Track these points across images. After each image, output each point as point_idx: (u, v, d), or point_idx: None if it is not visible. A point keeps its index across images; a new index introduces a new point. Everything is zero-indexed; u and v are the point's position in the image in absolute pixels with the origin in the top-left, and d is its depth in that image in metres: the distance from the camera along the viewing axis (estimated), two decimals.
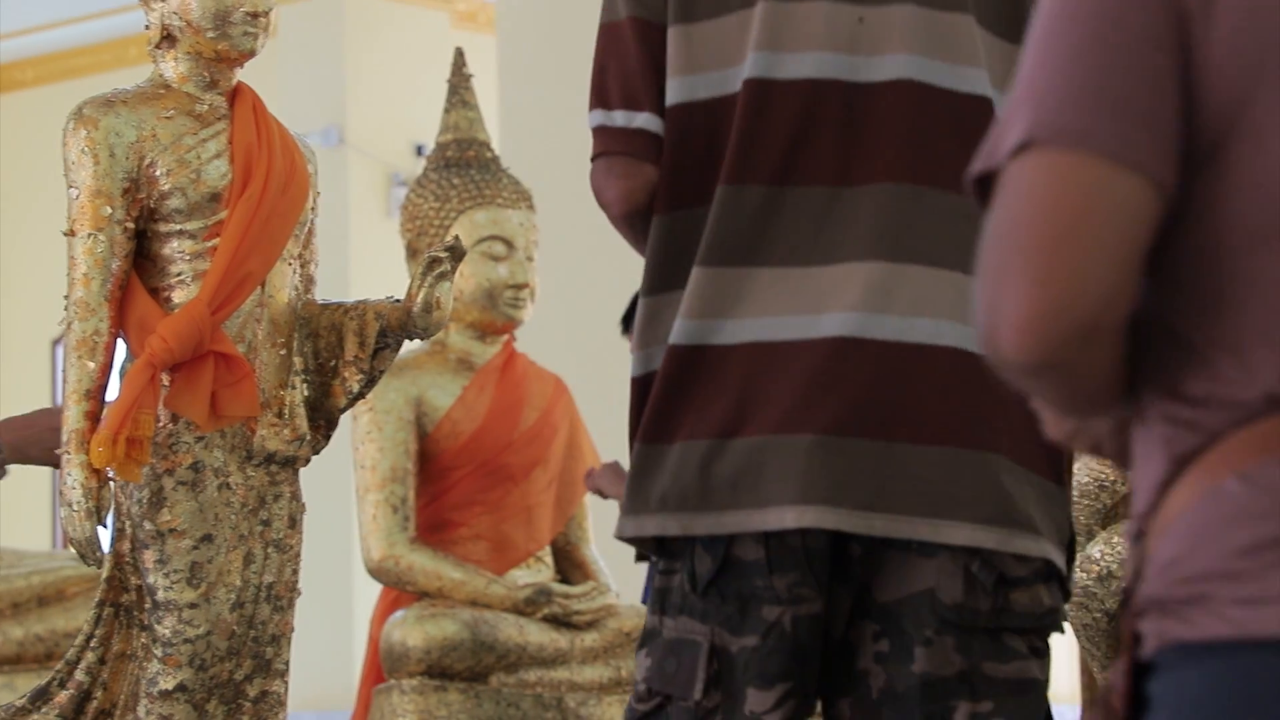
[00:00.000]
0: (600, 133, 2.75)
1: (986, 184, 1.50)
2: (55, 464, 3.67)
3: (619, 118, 2.72)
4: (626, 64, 2.73)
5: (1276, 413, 1.46)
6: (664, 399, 2.65)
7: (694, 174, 2.69)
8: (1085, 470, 4.14)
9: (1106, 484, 4.12)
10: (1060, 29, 1.48)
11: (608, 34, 2.76)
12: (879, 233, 2.62)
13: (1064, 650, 13.27)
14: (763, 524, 2.58)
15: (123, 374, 3.71)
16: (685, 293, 2.64)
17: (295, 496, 3.83)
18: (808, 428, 2.59)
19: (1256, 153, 1.47)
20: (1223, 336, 1.49)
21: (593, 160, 2.75)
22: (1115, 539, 4.08)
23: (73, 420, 3.66)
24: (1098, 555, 4.09)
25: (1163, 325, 1.52)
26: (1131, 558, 1.53)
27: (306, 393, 3.84)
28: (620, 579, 5.78)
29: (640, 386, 2.72)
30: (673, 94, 2.71)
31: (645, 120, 2.71)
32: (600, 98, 2.75)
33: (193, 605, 3.70)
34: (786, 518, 2.57)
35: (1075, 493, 4.17)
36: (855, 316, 2.60)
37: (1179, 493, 1.49)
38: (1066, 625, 2.72)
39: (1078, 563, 4.15)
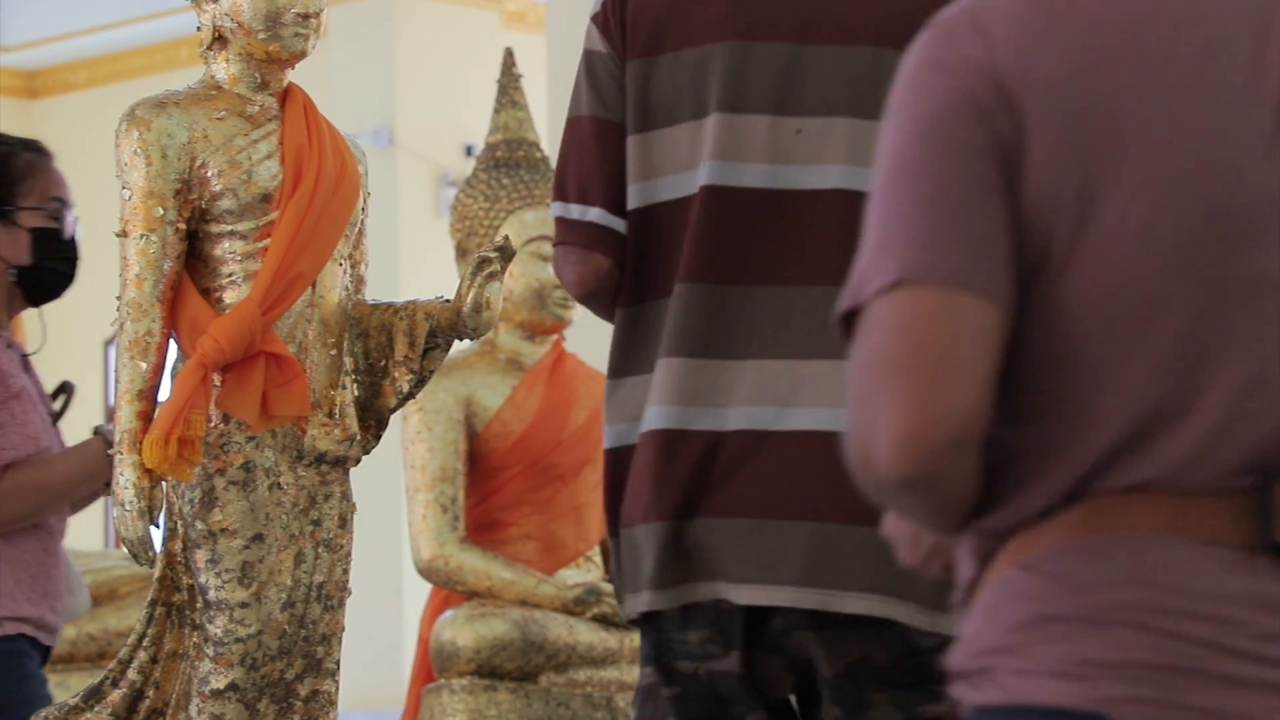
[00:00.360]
0: (559, 223, 3.05)
1: (851, 319, 1.68)
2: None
3: (574, 210, 3.02)
4: (584, 160, 3.02)
5: (1055, 512, 1.67)
6: (639, 484, 2.96)
7: (654, 270, 2.98)
8: None
9: None
10: (907, 183, 1.67)
11: (571, 128, 3.05)
12: (808, 330, 2.91)
13: None
14: (692, 596, 2.94)
15: (174, 374, 3.72)
16: (654, 380, 2.95)
17: (346, 496, 3.84)
18: (742, 512, 2.93)
19: (1075, 274, 1.67)
20: (1021, 450, 1.69)
21: (553, 246, 3.10)
22: None
23: (125, 420, 3.68)
24: None
25: None
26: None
27: (357, 393, 3.85)
28: None
29: (612, 458, 3.03)
30: (633, 199, 3.00)
31: (596, 215, 3.00)
32: (560, 190, 3.05)
33: (244, 605, 3.71)
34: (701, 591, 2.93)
35: None
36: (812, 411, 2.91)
37: (981, 587, 1.70)
38: None
39: None
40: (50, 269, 4.16)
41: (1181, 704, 1.59)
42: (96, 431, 4.08)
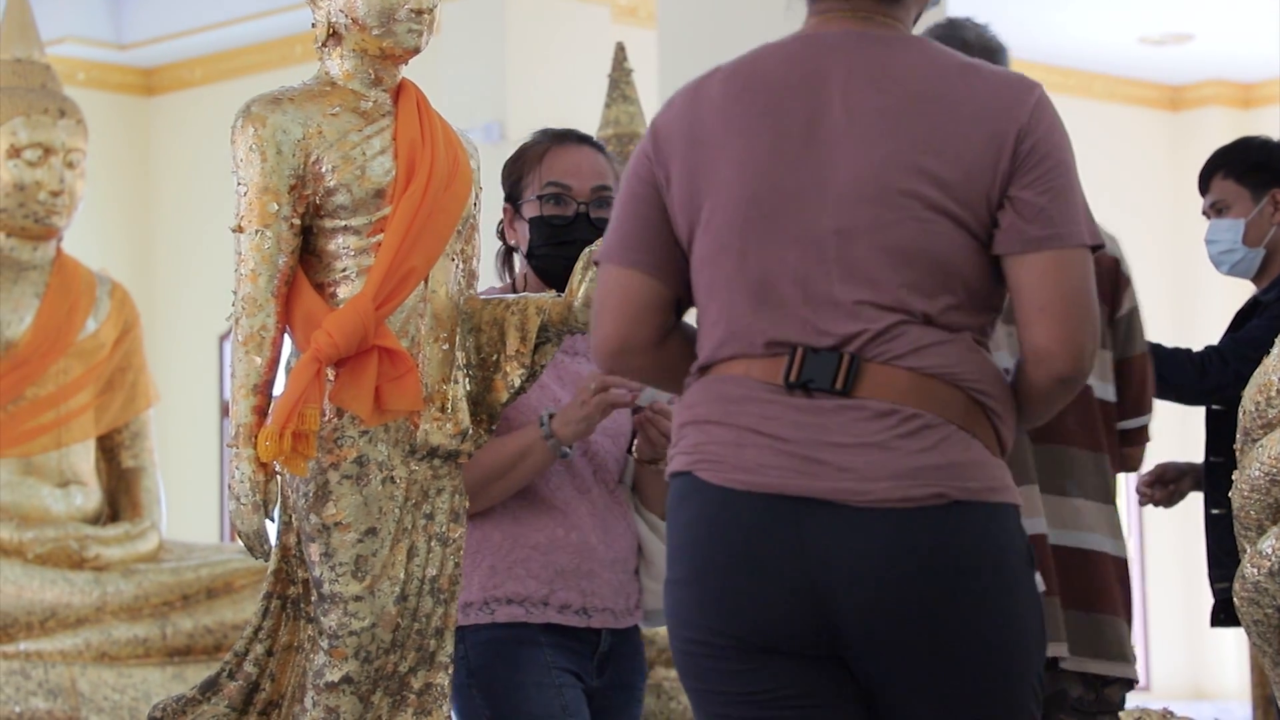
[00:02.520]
0: None
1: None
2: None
3: None
4: None
5: (701, 371, 2.94)
6: None
7: None
8: (1257, 465, 4.08)
9: (1278, 478, 4.05)
10: (619, 199, 3.01)
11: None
12: None
13: (1234, 647, 13.01)
14: None
15: (289, 369, 3.74)
16: None
17: (458, 490, 3.85)
18: None
19: (699, 248, 2.92)
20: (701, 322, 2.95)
21: None
22: None
23: (240, 415, 3.70)
24: (1268, 550, 4.02)
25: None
26: None
27: (469, 387, 3.86)
28: None
29: None
30: None
31: None
32: None
33: (358, 598, 3.73)
34: None
35: (1246, 488, 4.11)
36: None
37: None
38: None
39: (1248, 558, 4.09)
40: (546, 255, 4.04)
41: (730, 461, 2.84)
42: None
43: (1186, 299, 13.22)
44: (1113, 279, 4.41)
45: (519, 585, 3.94)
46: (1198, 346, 5.18)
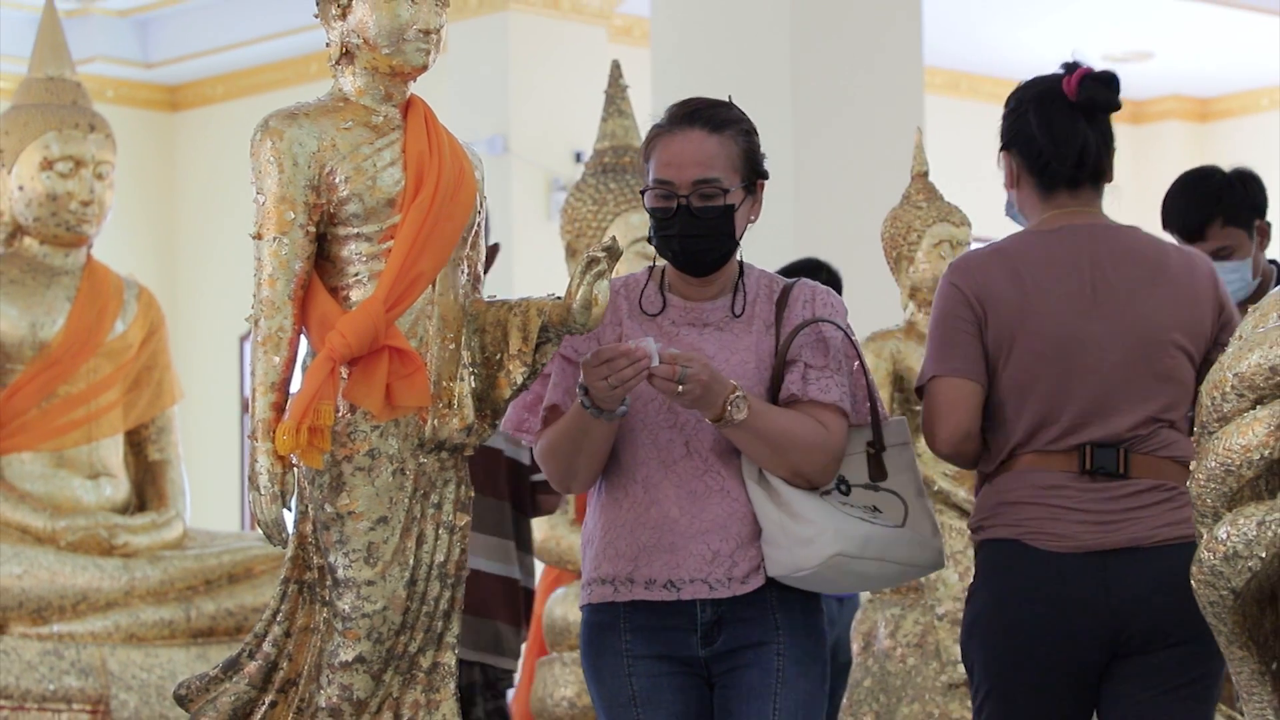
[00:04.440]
0: None
1: (920, 390, 3.91)
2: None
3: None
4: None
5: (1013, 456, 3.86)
6: None
7: None
8: (1213, 456, 4.08)
9: (1232, 469, 4.05)
10: (935, 325, 3.87)
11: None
12: None
13: None
14: None
15: (305, 368, 3.74)
16: None
17: (463, 481, 3.84)
18: None
19: (1005, 370, 3.84)
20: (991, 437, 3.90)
21: None
22: (1240, 520, 4.01)
23: (260, 411, 3.70)
24: (1224, 536, 4.02)
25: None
26: None
27: (474, 384, 3.85)
28: None
29: None
30: None
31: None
32: None
33: (370, 582, 3.72)
34: None
35: (1204, 477, 4.11)
36: None
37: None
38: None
39: (1204, 543, 4.09)
40: (656, 243, 3.88)
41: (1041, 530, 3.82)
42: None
43: None
44: None
45: (610, 565, 3.84)
46: None
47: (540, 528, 5.91)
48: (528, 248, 10.97)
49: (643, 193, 3.93)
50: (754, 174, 3.82)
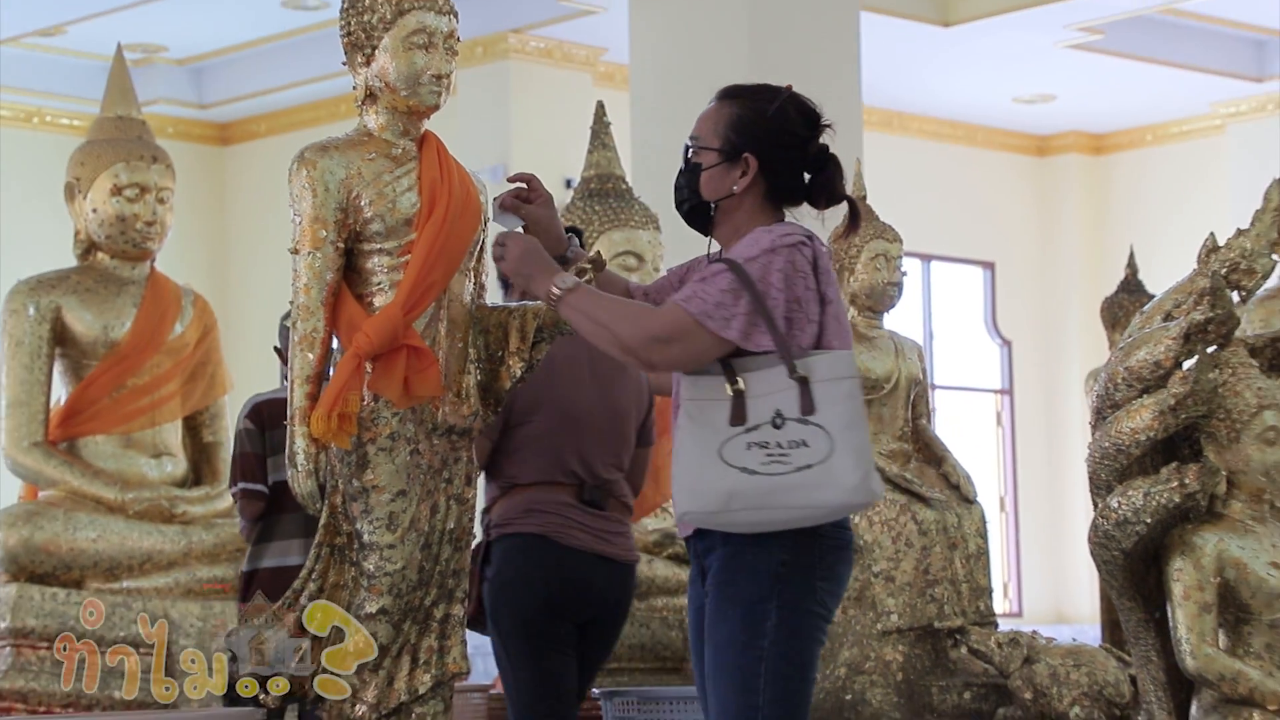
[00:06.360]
0: None
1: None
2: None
3: None
4: None
5: None
6: None
7: None
8: (1107, 438, 4.07)
9: (1123, 448, 4.04)
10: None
11: None
12: None
13: (1088, 581, 13.02)
14: None
15: (335, 363, 3.73)
16: None
17: (471, 460, 3.83)
18: None
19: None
20: None
21: None
22: (1130, 492, 4.01)
23: (296, 400, 3.69)
24: (1115, 505, 4.02)
25: None
26: None
27: (479, 377, 3.84)
28: None
29: None
30: None
31: None
32: None
33: (391, 546, 3.71)
34: None
35: (1098, 455, 4.11)
36: None
37: None
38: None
39: (1099, 511, 4.09)
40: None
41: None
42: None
43: (1054, 311, 13.22)
44: None
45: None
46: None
47: None
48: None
49: None
50: (740, 144, 3.25)
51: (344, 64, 3.86)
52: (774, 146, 3.26)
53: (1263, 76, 11.69)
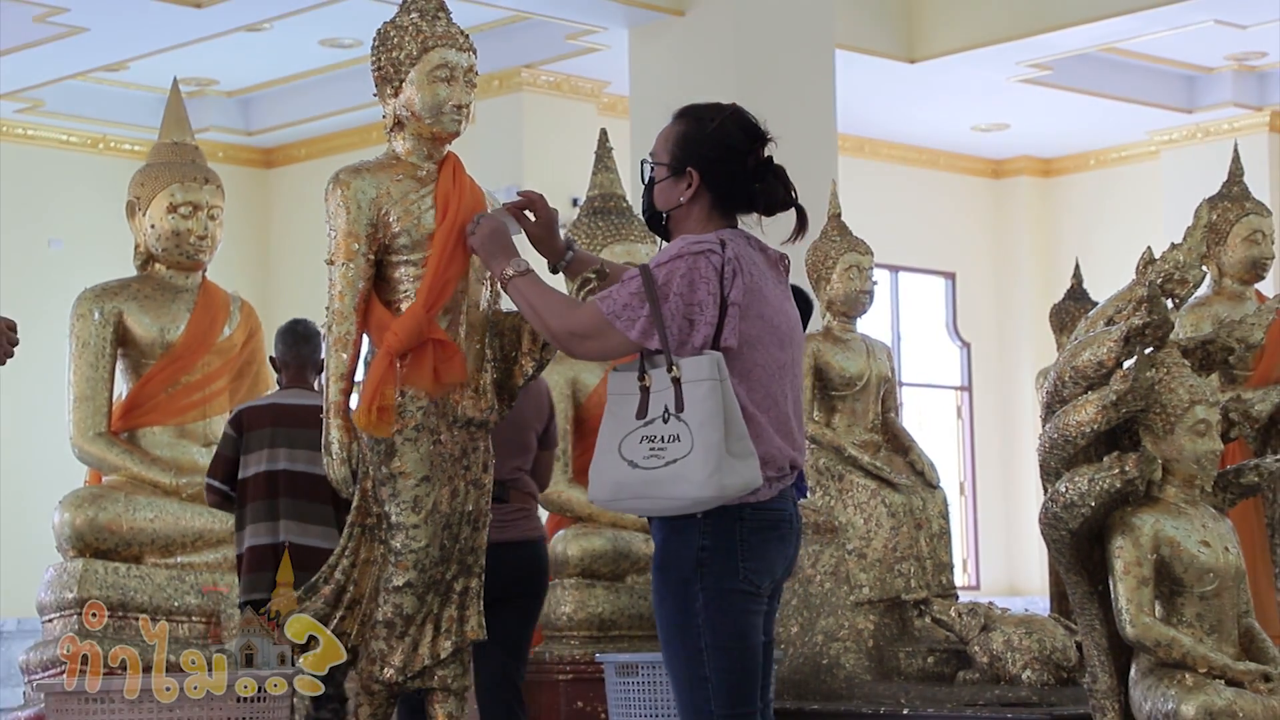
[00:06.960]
0: None
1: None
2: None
3: None
4: None
5: None
6: None
7: None
8: (1056, 429, 4.06)
9: (1070, 438, 4.03)
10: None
11: None
12: None
13: (1036, 558, 13.00)
14: None
15: (366, 363, 3.72)
16: None
17: (487, 449, 3.82)
18: None
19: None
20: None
21: None
22: (1076, 478, 4.00)
23: (332, 395, 3.69)
24: (1063, 489, 4.01)
25: None
26: None
27: (495, 375, 3.83)
28: None
29: None
30: None
31: None
32: None
33: (415, 526, 3.70)
34: None
35: (1048, 444, 4.10)
36: None
37: None
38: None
39: (1049, 495, 4.08)
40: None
41: None
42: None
43: (1009, 316, 13.21)
44: None
45: None
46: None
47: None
48: (537, 271, 10.89)
49: None
50: (683, 159, 3.21)
51: (375, 95, 3.85)
52: (714, 160, 3.19)
53: (1193, 108, 11.70)
